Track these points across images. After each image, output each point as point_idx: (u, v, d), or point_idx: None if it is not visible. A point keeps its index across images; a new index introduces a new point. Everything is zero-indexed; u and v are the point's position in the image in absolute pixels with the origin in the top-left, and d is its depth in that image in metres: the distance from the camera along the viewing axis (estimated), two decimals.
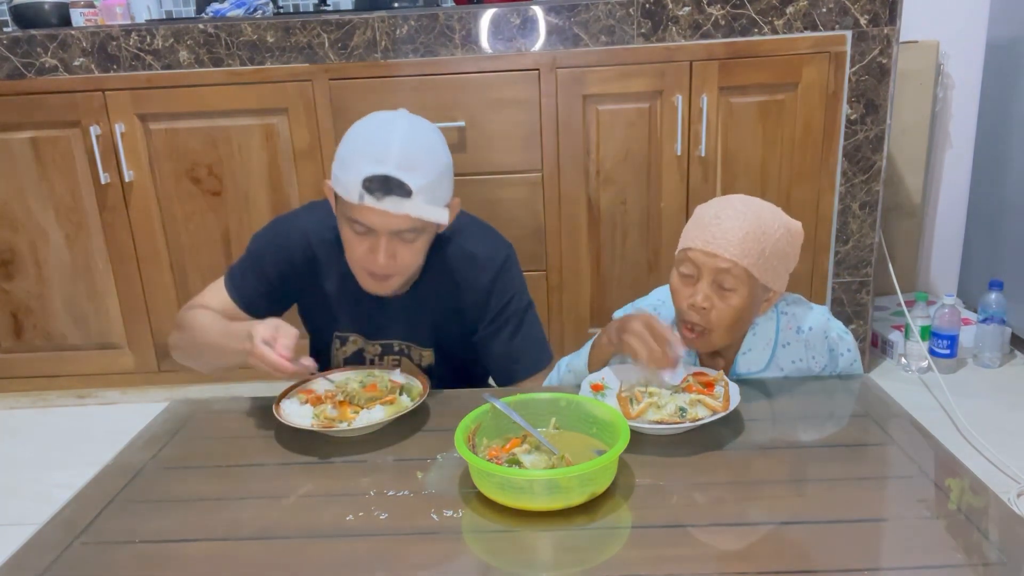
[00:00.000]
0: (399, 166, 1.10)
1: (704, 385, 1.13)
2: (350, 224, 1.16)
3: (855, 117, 2.12)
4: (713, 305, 1.17)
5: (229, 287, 1.32)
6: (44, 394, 2.42)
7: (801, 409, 1.17)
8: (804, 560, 0.80)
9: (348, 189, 1.12)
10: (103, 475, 1.04)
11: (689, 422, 1.03)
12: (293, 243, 1.31)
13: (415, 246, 1.19)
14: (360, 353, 1.37)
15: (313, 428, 1.08)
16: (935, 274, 2.91)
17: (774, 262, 1.18)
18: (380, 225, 1.14)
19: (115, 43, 2.11)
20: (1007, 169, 2.52)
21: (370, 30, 2.08)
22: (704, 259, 1.17)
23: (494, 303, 1.32)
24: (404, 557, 0.83)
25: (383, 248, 1.15)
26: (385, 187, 1.09)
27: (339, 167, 1.15)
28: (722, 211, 1.18)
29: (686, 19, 2.06)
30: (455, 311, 1.33)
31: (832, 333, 1.27)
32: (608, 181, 2.19)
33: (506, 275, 1.32)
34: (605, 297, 2.29)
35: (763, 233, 1.16)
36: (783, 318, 1.28)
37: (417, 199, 1.11)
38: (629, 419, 1.02)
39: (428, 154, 1.14)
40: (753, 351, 1.28)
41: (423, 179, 1.11)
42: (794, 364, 1.29)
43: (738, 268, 1.15)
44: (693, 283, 1.19)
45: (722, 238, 1.15)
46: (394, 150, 1.10)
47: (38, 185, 2.23)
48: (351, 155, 1.13)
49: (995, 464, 1.81)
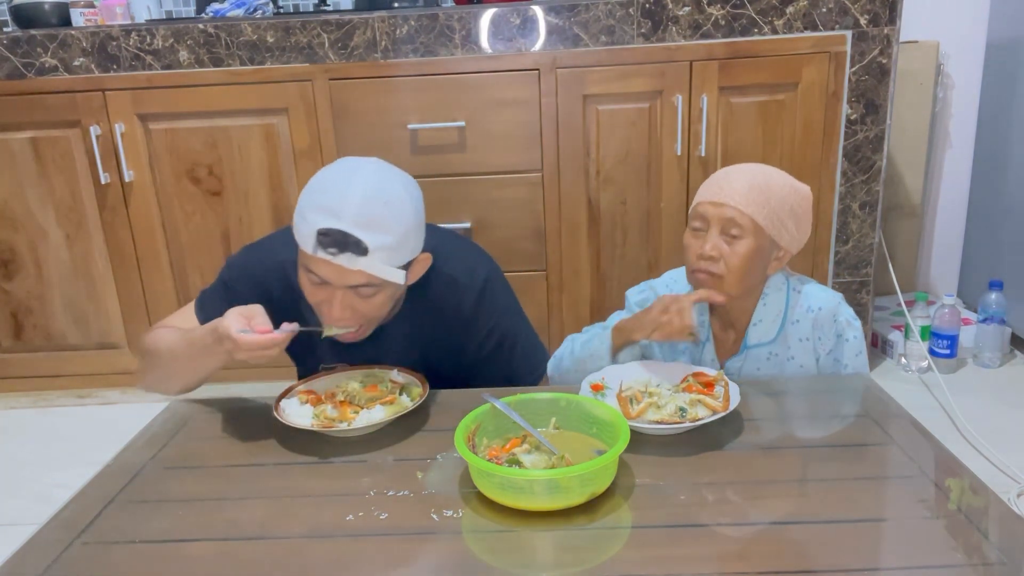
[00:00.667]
0: (356, 223, 1.04)
1: (704, 385, 1.13)
2: (306, 273, 1.12)
3: (855, 117, 2.12)
4: (722, 253, 1.23)
5: (199, 313, 1.27)
6: (44, 394, 2.42)
7: (801, 409, 1.17)
8: (804, 560, 0.80)
9: (304, 239, 1.07)
10: (103, 475, 1.04)
11: (689, 422, 1.04)
12: (269, 275, 1.25)
13: (375, 300, 1.13)
14: None
15: (313, 428, 1.08)
16: (935, 274, 2.91)
17: (782, 215, 1.24)
18: (335, 279, 1.09)
19: (115, 43, 2.11)
20: (1007, 169, 2.52)
21: (370, 30, 2.08)
22: (712, 210, 1.24)
23: (482, 325, 1.29)
24: (404, 557, 0.83)
25: (338, 301, 1.11)
26: (340, 243, 1.04)
27: (297, 215, 1.09)
28: (732, 170, 1.27)
29: (686, 19, 2.06)
30: (442, 335, 1.29)
31: (841, 317, 1.30)
32: (608, 181, 2.19)
33: (489, 296, 1.28)
34: (605, 297, 2.29)
35: (767, 186, 1.23)
36: (794, 295, 1.32)
37: (374, 257, 1.06)
38: (629, 419, 1.02)
39: (392, 212, 1.07)
40: (764, 322, 1.31)
41: (383, 239, 1.06)
42: (801, 343, 1.31)
43: (743, 216, 1.22)
44: (703, 235, 1.25)
45: (728, 188, 1.23)
46: (352, 204, 1.04)
47: (38, 185, 2.23)
48: (309, 204, 1.08)
49: (995, 464, 1.81)
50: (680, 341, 1.33)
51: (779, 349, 1.32)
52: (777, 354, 1.32)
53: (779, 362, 1.32)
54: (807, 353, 1.31)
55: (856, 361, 1.30)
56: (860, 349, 1.30)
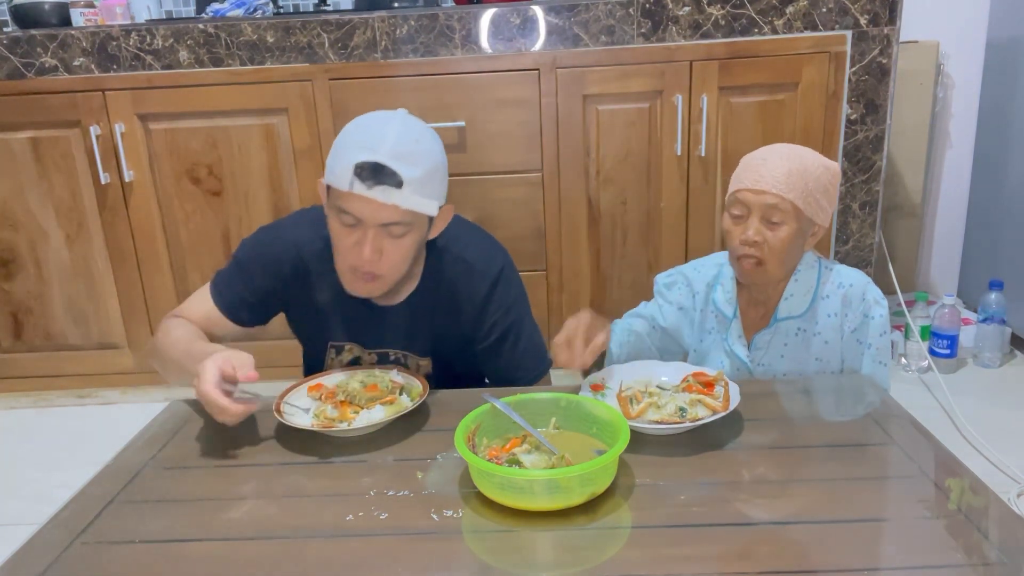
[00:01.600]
0: (391, 155, 1.09)
1: (704, 385, 1.13)
2: (339, 215, 1.15)
3: (855, 117, 2.12)
4: (765, 239, 1.28)
5: (213, 294, 1.30)
6: (44, 394, 2.42)
7: (801, 409, 1.17)
8: (804, 560, 0.80)
9: (339, 177, 1.11)
10: (103, 475, 1.04)
11: (689, 422, 1.04)
12: (282, 254, 1.29)
13: (403, 243, 1.17)
14: (357, 362, 1.36)
15: (313, 428, 1.08)
16: (935, 274, 2.91)
17: (817, 195, 1.28)
18: (368, 216, 1.12)
19: (115, 43, 2.11)
20: (1007, 169, 2.52)
21: (370, 30, 2.08)
22: (753, 197, 1.28)
23: (492, 313, 1.31)
24: (404, 557, 0.83)
25: (370, 241, 1.14)
26: (376, 175, 1.09)
27: (332, 157, 1.15)
28: (768, 154, 1.30)
29: (686, 19, 2.06)
30: (453, 320, 1.32)
31: (869, 296, 1.33)
32: (608, 181, 2.19)
33: (503, 285, 1.31)
34: (605, 297, 2.29)
35: (805, 170, 1.27)
36: (826, 272, 1.36)
37: (407, 190, 1.10)
38: (629, 419, 1.02)
39: (422, 148, 1.14)
40: (795, 297, 1.35)
41: (415, 171, 1.11)
42: (829, 319, 1.34)
43: (785, 202, 1.26)
44: (744, 221, 1.30)
45: (769, 176, 1.27)
46: (388, 140, 1.10)
47: (38, 185, 2.23)
48: (345, 144, 1.13)
49: (995, 464, 1.81)
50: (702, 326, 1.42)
51: (807, 324, 1.35)
52: (805, 329, 1.36)
53: (806, 337, 1.36)
54: (833, 330, 1.34)
55: (880, 341, 1.33)
56: (885, 329, 1.33)
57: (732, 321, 1.40)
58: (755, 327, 1.39)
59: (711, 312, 1.43)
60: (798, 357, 1.37)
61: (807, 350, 1.36)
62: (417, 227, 1.17)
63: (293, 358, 1.47)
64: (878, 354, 1.33)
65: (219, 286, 1.30)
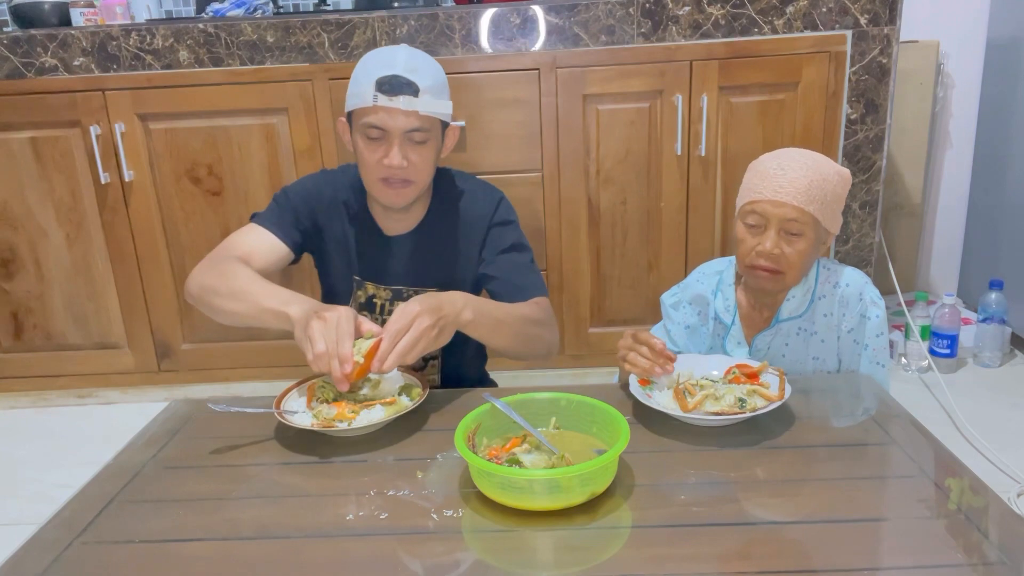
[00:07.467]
0: (406, 69, 1.25)
1: (748, 376, 1.14)
2: (365, 132, 1.27)
3: (855, 117, 2.12)
4: (782, 251, 1.25)
5: (262, 222, 1.35)
6: (44, 394, 2.42)
7: (801, 409, 1.17)
8: (804, 560, 0.80)
9: (363, 95, 1.25)
10: (103, 475, 1.04)
11: (749, 412, 1.05)
12: (320, 188, 1.42)
13: (425, 151, 1.30)
14: (371, 300, 1.41)
15: (313, 428, 1.08)
16: (935, 274, 2.91)
17: (834, 205, 1.28)
18: (392, 125, 1.26)
19: (115, 43, 2.11)
20: (1007, 169, 2.52)
21: (370, 30, 2.08)
22: (772, 209, 1.25)
23: (498, 228, 1.41)
24: (404, 557, 0.83)
25: (396, 149, 1.26)
26: (395, 86, 1.24)
27: (353, 83, 1.29)
28: (785, 163, 1.26)
29: (686, 19, 2.06)
30: (462, 242, 1.41)
31: (867, 296, 1.32)
32: (608, 181, 2.19)
33: (505, 205, 1.43)
34: (605, 297, 2.29)
35: (824, 180, 1.25)
36: (823, 272, 1.35)
37: (424, 96, 1.26)
38: (686, 412, 1.05)
39: (429, 63, 1.31)
40: (795, 298, 1.34)
41: (428, 81, 1.26)
42: (825, 318, 1.34)
43: (805, 215, 1.24)
44: (760, 232, 1.27)
45: (790, 187, 1.23)
46: (400, 59, 1.27)
47: (38, 185, 2.23)
48: (365, 68, 1.28)
49: (995, 464, 1.81)
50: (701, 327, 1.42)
51: (807, 324, 1.35)
52: (805, 329, 1.35)
53: (805, 337, 1.36)
54: (829, 329, 1.34)
55: (877, 342, 1.32)
56: (882, 330, 1.33)
57: (731, 328, 1.39)
58: (756, 329, 1.39)
59: (712, 319, 1.43)
60: (798, 357, 1.37)
61: (806, 349, 1.36)
62: (434, 136, 1.31)
63: (293, 358, 1.47)
64: (875, 355, 1.33)
65: (264, 219, 1.37)
